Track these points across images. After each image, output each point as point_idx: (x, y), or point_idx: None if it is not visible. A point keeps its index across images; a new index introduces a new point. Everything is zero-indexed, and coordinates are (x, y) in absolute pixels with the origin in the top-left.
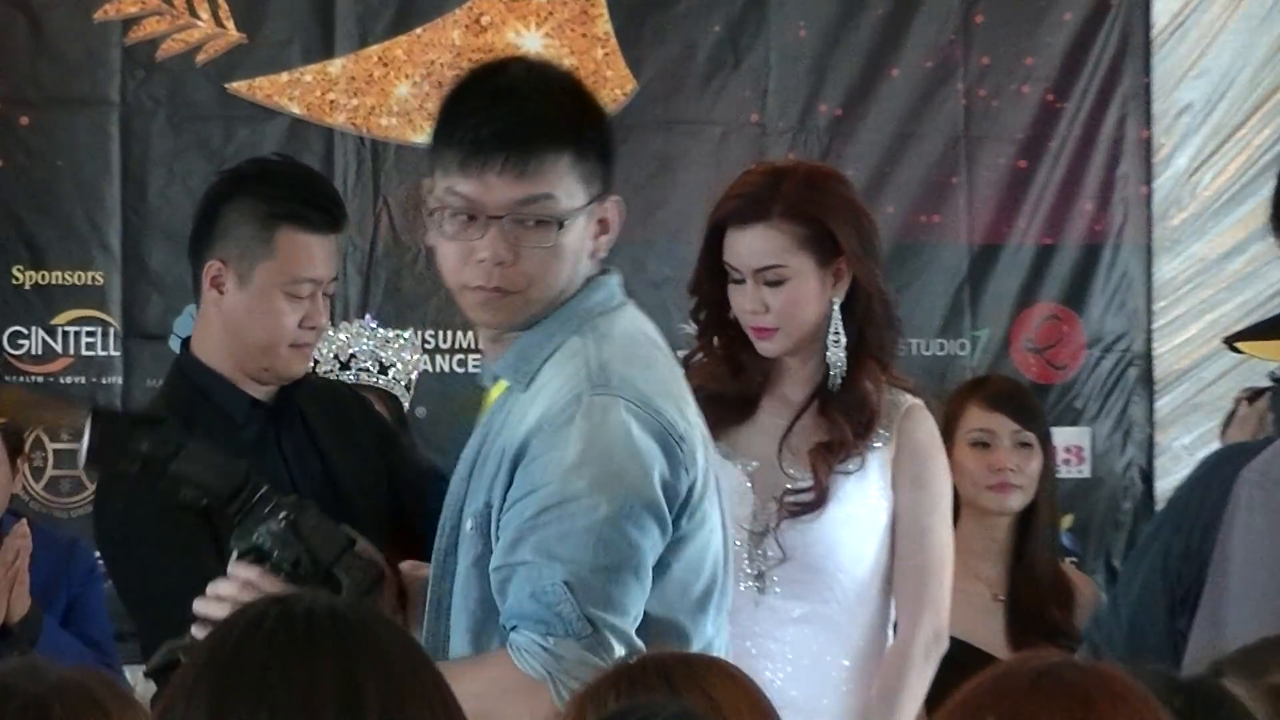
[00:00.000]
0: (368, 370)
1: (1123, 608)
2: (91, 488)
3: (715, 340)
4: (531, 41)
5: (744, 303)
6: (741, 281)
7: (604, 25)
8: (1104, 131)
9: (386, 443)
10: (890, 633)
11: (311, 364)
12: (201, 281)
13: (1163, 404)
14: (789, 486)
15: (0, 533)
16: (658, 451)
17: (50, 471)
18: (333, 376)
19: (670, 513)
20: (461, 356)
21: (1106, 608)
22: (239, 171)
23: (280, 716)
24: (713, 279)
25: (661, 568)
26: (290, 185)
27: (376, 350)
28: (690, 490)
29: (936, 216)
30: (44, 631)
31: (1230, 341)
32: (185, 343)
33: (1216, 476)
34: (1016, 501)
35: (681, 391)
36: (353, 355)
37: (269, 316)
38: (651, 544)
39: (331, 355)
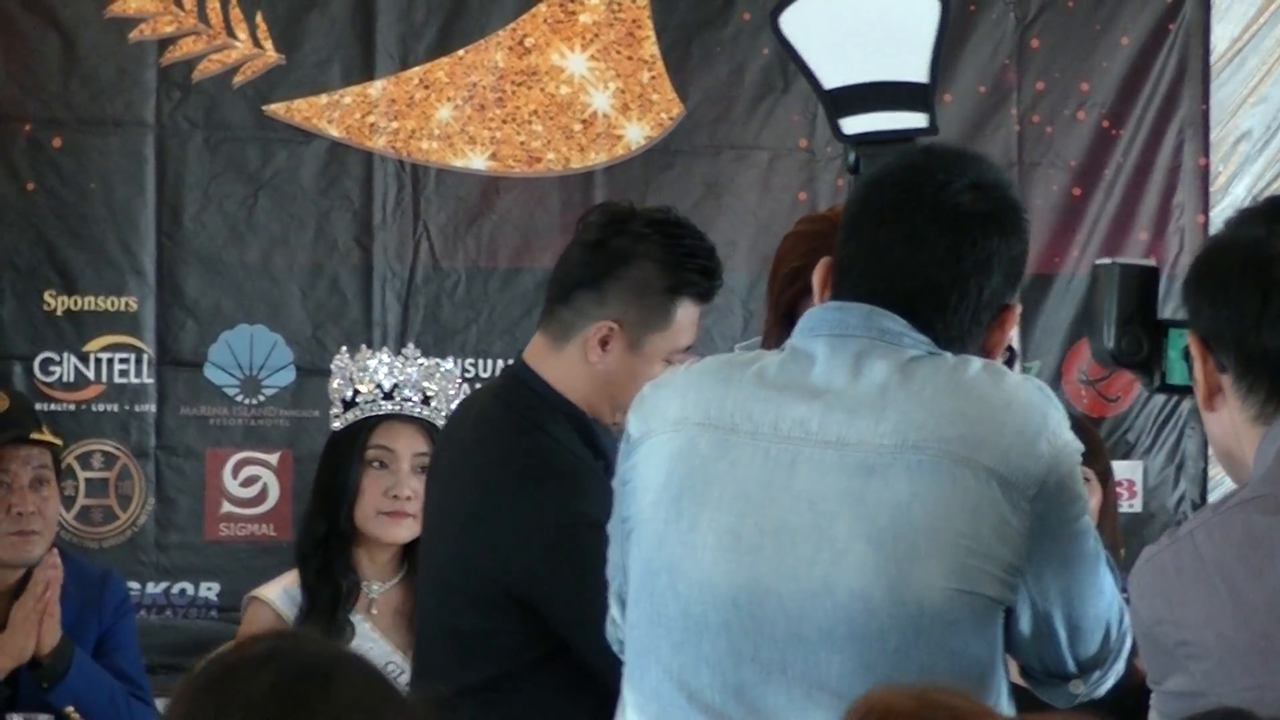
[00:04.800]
0: (410, 401)
1: None
2: (123, 517)
3: None
4: (576, 64)
5: None
6: None
7: (651, 48)
8: (1160, 159)
9: None
10: None
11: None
12: (579, 329)
13: None
14: None
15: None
16: None
17: (82, 500)
18: (374, 407)
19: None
20: None
21: None
22: (639, 230)
23: None
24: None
25: None
26: (695, 254)
27: (421, 380)
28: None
29: None
30: (74, 664)
31: None
32: (522, 363)
33: None
34: None
35: None
36: (396, 385)
37: (645, 380)
38: None
39: (374, 385)
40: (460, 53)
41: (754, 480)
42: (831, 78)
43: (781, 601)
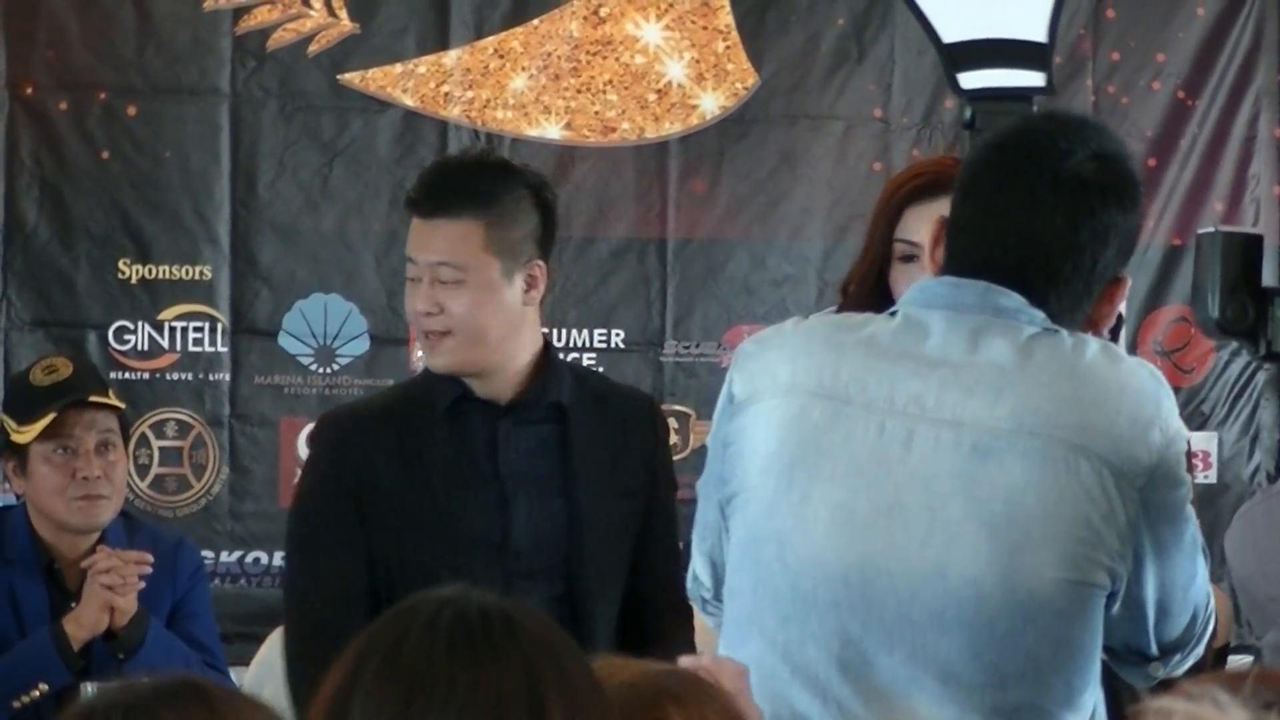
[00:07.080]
0: None
1: None
2: (197, 486)
3: None
4: (651, 34)
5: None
6: (914, 259)
7: (725, 17)
8: (1235, 130)
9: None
10: None
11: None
12: None
13: None
14: None
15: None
16: None
17: (156, 469)
18: None
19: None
20: (575, 355)
21: None
22: None
23: None
24: (877, 263)
25: None
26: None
27: None
28: None
29: None
30: (150, 635)
31: None
32: None
33: None
34: None
35: None
36: None
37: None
38: None
39: None
40: (535, 22)
41: (868, 455)
42: (950, 31)
43: (893, 581)
